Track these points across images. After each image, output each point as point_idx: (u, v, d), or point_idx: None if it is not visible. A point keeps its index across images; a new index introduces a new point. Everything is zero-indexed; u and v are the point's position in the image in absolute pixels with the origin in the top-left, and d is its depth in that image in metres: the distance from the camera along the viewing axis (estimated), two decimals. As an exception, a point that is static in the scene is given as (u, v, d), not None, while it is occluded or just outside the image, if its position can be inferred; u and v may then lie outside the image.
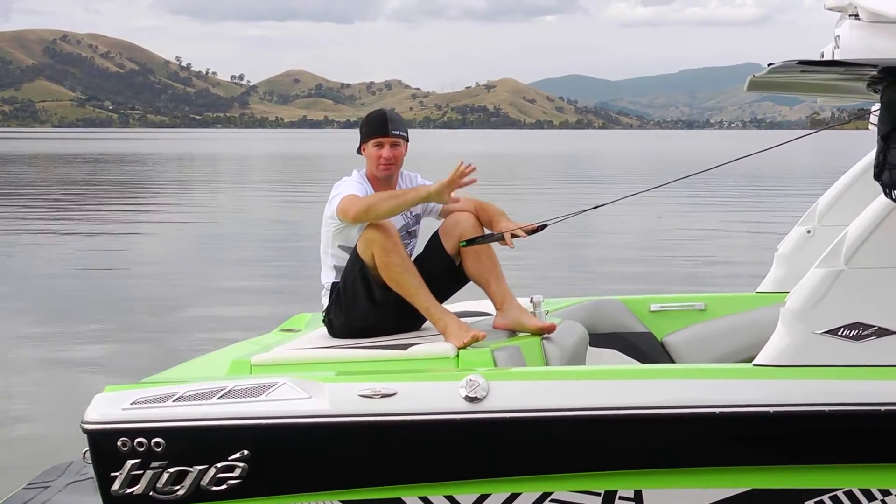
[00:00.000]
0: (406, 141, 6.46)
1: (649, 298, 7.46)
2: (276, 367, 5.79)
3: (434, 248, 6.38)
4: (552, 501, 5.34)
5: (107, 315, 15.35)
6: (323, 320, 6.42)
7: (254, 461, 5.36)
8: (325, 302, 6.37)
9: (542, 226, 6.42)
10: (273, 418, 5.36)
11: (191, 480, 5.38)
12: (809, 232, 7.25)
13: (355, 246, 6.15)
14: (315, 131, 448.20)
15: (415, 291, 6.03)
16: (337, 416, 5.34)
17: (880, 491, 5.22)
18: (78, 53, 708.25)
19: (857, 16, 5.27)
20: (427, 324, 6.23)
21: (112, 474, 5.41)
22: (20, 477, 7.32)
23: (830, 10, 5.65)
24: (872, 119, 6.45)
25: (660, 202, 33.49)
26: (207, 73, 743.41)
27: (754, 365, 5.34)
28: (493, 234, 6.28)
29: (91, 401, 5.56)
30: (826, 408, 5.13)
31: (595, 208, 6.71)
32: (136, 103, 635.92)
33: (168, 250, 23.79)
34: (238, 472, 5.37)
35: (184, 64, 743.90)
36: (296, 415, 5.36)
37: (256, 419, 5.36)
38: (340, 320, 6.25)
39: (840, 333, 5.20)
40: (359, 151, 6.49)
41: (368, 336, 6.13)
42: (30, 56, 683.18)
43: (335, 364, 5.82)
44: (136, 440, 5.38)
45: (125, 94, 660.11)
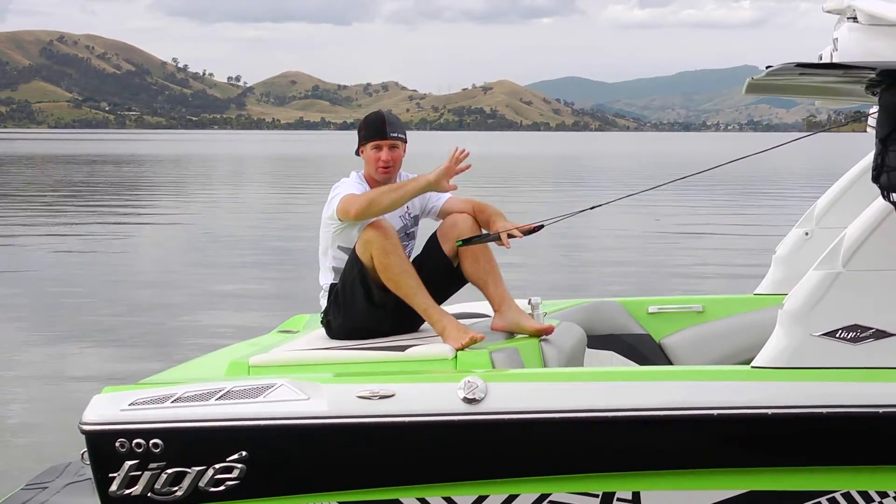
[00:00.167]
0: (404, 143, 6.45)
1: (647, 300, 7.46)
2: (275, 369, 5.78)
3: (432, 250, 6.37)
4: (550, 503, 5.34)
5: (105, 316, 15.33)
6: (321, 321, 6.42)
7: (252, 462, 5.36)
8: (324, 303, 6.36)
9: (539, 226, 6.40)
10: (271, 419, 5.34)
11: (189, 481, 5.37)
12: (807, 234, 7.25)
13: (354, 247, 6.14)
14: (312, 133, 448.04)
15: (413, 293, 6.02)
16: (335, 418, 5.33)
17: (878, 493, 5.22)
18: (75, 54, 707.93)
19: (856, 18, 5.27)
20: (425, 325, 6.22)
21: (110, 475, 5.40)
22: (18, 477, 7.32)
23: (829, 13, 5.66)
24: (870, 122, 6.45)
25: (657, 204, 33.51)
26: (204, 75, 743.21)
27: (752, 367, 5.34)
28: (490, 234, 6.27)
29: (89, 402, 5.55)
30: (824, 410, 5.13)
31: (592, 209, 6.71)
32: (133, 104, 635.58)
33: (165, 251, 23.78)
34: (236, 474, 5.36)
35: (180, 65, 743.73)
36: (294, 416, 5.34)
37: (255, 420, 5.35)
38: (339, 321, 6.25)
39: (838, 335, 5.20)
40: (357, 153, 6.49)
41: (367, 337, 6.12)
42: (26, 57, 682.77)
43: (333, 365, 5.81)
44: (135, 441, 5.37)
45: (122, 95, 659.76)
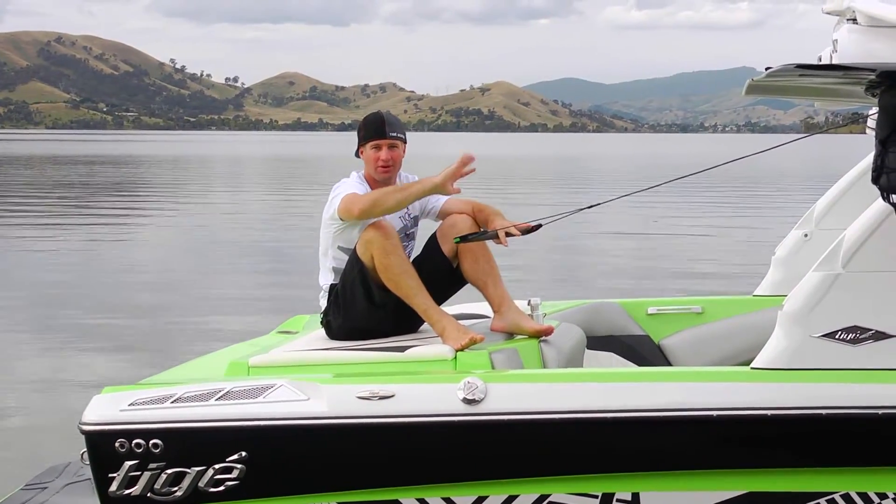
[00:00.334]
0: (404, 143, 6.45)
1: (646, 301, 7.46)
2: (274, 369, 5.78)
3: (432, 250, 6.37)
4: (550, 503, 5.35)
5: (104, 316, 15.34)
6: (321, 322, 6.41)
7: (252, 463, 5.36)
8: (324, 304, 6.36)
9: (538, 225, 6.40)
10: (271, 420, 5.35)
11: (189, 482, 5.37)
12: (807, 236, 7.25)
13: (355, 247, 6.13)
14: (309, 134, 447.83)
15: (413, 293, 6.02)
16: (335, 418, 5.33)
17: (877, 494, 5.22)
18: (72, 55, 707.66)
19: (856, 20, 5.27)
20: (425, 326, 6.22)
21: (110, 475, 5.40)
22: (18, 478, 7.31)
23: (828, 14, 5.66)
24: (870, 123, 6.46)
25: (656, 206, 33.52)
26: (202, 76, 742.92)
27: (752, 368, 5.34)
28: (487, 232, 6.26)
29: (89, 402, 5.55)
30: (823, 411, 5.13)
31: (589, 208, 6.70)
32: (131, 105, 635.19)
33: (163, 252, 23.76)
34: (236, 474, 5.36)
35: (178, 66, 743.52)
36: (294, 416, 5.35)
37: (254, 421, 5.35)
38: (339, 322, 6.24)
39: (837, 337, 5.20)
40: (357, 155, 6.48)
41: (366, 338, 6.12)
42: (24, 58, 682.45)
43: (333, 366, 5.81)
44: (134, 441, 5.37)
45: (119, 96, 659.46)
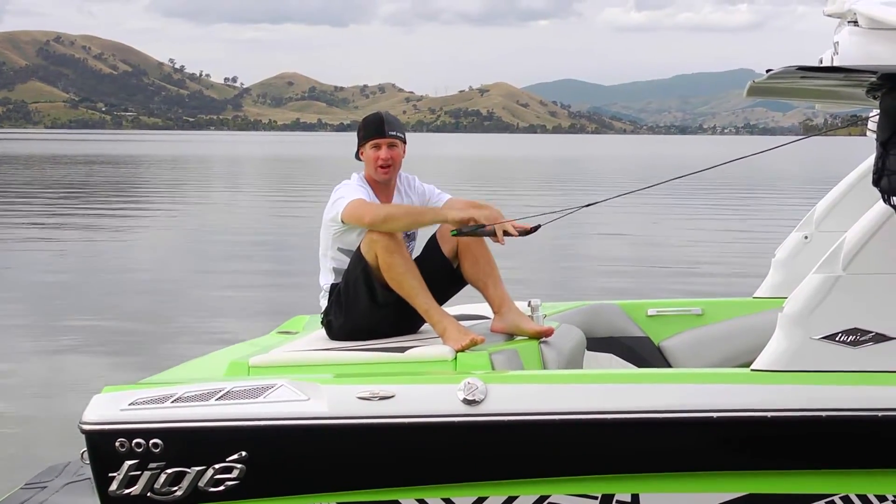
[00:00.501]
0: (403, 143, 6.45)
1: (646, 303, 7.46)
2: (275, 369, 5.78)
3: (432, 251, 6.37)
4: (549, 504, 5.35)
5: (103, 317, 15.32)
6: (321, 322, 6.41)
7: (252, 463, 5.36)
8: (324, 304, 6.36)
9: (536, 227, 6.40)
10: (271, 420, 5.34)
11: (189, 481, 5.37)
12: (807, 238, 7.26)
13: (358, 246, 6.13)
14: (308, 134, 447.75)
15: (415, 293, 6.02)
16: (335, 418, 5.33)
17: (877, 497, 5.22)
18: (71, 55, 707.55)
19: (856, 22, 5.28)
20: (425, 326, 6.23)
21: (110, 475, 5.40)
22: (17, 477, 7.31)
23: (829, 17, 5.67)
24: (870, 125, 6.46)
25: (655, 207, 33.52)
26: (201, 76, 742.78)
27: (752, 370, 5.34)
28: (485, 227, 6.24)
29: (89, 401, 5.55)
30: (823, 413, 5.13)
31: (587, 206, 6.70)
32: (130, 105, 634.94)
33: (162, 253, 23.76)
34: (236, 474, 5.36)
35: (177, 66, 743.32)
36: (294, 416, 5.35)
37: (254, 421, 5.35)
38: (340, 321, 6.24)
39: (838, 339, 5.20)
40: (357, 156, 6.48)
41: (367, 338, 6.12)
42: (23, 57, 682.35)
43: (333, 366, 5.81)
44: (134, 441, 5.37)
45: (118, 96, 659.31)
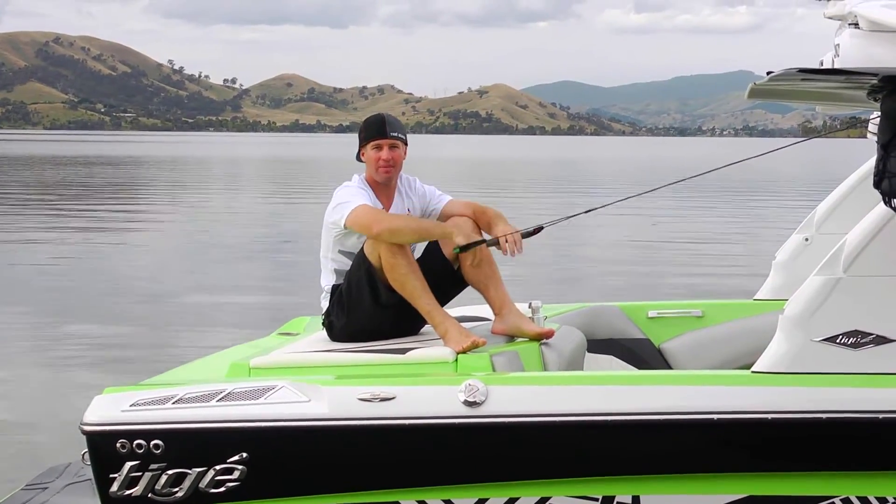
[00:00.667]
0: (405, 144, 6.46)
1: (647, 305, 7.46)
2: (276, 370, 5.79)
3: (433, 253, 6.37)
4: (550, 506, 5.35)
5: (103, 317, 15.32)
6: (322, 323, 6.41)
7: (252, 464, 5.37)
8: (325, 305, 6.36)
9: (539, 228, 6.40)
10: (272, 421, 5.36)
11: (189, 482, 5.38)
12: (807, 240, 7.26)
13: (362, 247, 6.15)
14: (307, 135, 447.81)
15: (418, 294, 6.02)
16: (336, 420, 5.34)
17: (877, 499, 5.23)
18: (70, 56, 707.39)
19: (857, 24, 5.28)
20: (427, 327, 6.24)
21: (111, 476, 5.41)
22: (18, 478, 7.31)
23: (830, 19, 5.67)
24: (871, 128, 6.47)
25: (655, 209, 33.51)
26: (200, 77, 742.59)
27: (752, 372, 5.35)
28: (487, 239, 6.24)
29: (90, 402, 5.56)
30: (824, 415, 5.14)
31: (587, 212, 6.70)
32: (129, 106, 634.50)
33: (161, 254, 23.75)
34: (237, 475, 5.37)
35: (176, 67, 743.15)
36: (295, 418, 5.36)
37: (255, 422, 5.36)
38: (342, 322, 6.24)
39: (838, 341, 5.22)
40: (358, 158, 6.48)
41: (369, 339, 6.13)
42: (22, 58, 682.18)
43: (334, 367, 5.82)
44: (135, 442, 5.38)
45: (117, 97, 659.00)
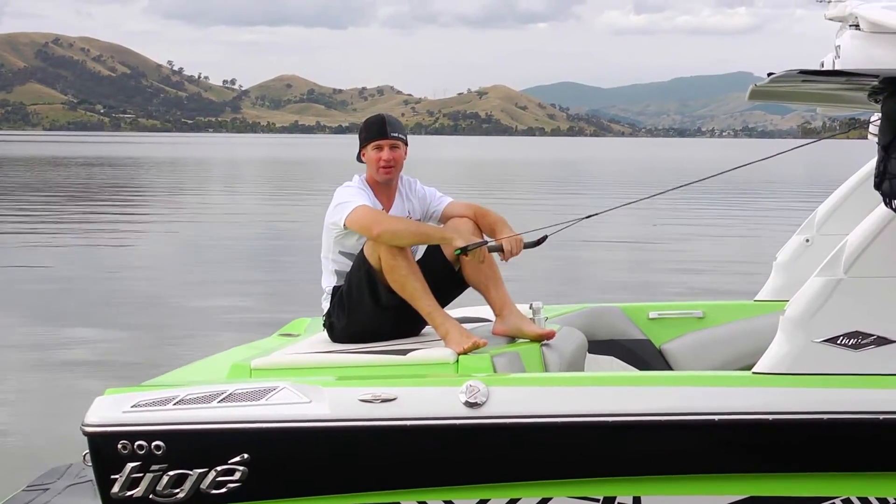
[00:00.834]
0: (405, 144, 6.46)
1: (648, 306, 7.46)
2: (277, 372, 5.79)
3: (433, 254, 6.36)
4: (551, 507, 5.36)
5: (103, 318, 15.33)
6: (323, 324, 6.42)
7: (254, 465, 5.37)
8: (326, 306, 6.36)
9: (543, 238, 6.41)
10: (273, 422, 5.36)
11: (191, 484, 5.38)
12: (808, 241, 7.26)
13: (362, 249, 6.15)
14: (307, 136, 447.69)
15: (419, 295, 6.03)
16: (337, 421, 5.34)
17: (878, 500, 5.24)
18: (70, 57, 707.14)
19: (858, 26, 5.29)
20: (427, 328, 6.24)
21: (112, 477, 5.42)
22: (19, 479, 7.31)
23: (831, 20, 5.68)
24: (871, 129, 6.48)
25: (655, 210, 33.50)
26: (199, 78, 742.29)
27: (753, 373, 5.36)
28: (488, 242, 6.24)
29: (91, 403, 5.56)
30: (825, 416, 5.14)
31: (588, 217, 6.70)
32: (128, 107, 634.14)
33: (162, 255, 23.75)
34: (238, 476, 5.38)
35: (176, 68, 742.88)
36: (296, 419, 5.36)
37: (256, 423, 5.37)
38: (343, 323, 6.24)
39: (839, 342, 5.22)
40: (359, 159, 6.48)
41: (369, 340, 6.14)
42: (21, 59, 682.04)
43: (335, 368, 5.82)
44: (137, 443, 5.38)
45: (117, 98, 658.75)
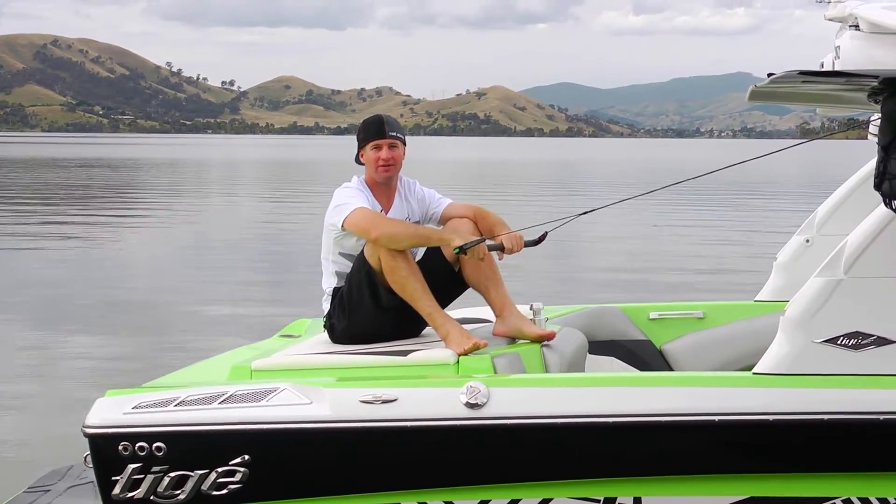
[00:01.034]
0: (403, 144, 6.46)
1: (648, 306, 7.47)
2: (277, 373, 5.80)
3: (433, 254, 6.37)
4: (552, 508, 5.36)
5: (103, 320, 15.33)
6: (324, 325, 6.42)
7: (254, 466, 5.37)
8: (326, 307, 6.37)
9: (543, 236, 6.42)
10: (274, 423, 5.37)
11: (192, 485, 5.39)
12: (808, 241, 7.27)
13: (362, 250, 6.16)
14: (305, 137, 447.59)
15: (419, 296, 6.03)
16: (337, 422, 5.35)
17: (878, 500, 5.24)
18: (69, 58, 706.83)
19: (858, 26, 5.30)
20: (428, 330, 6.24)
21: (113, 478, 5.43)
22: (20, 480, 7.31)
23: (831, 21, 5.69)
24: (871, 129, 6.48)
25: (655, 211, 33.52)
26: (198, 79, 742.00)
27: (754, 373, 5.37)
28: (486, 240, 6.24)
29: (92, 405, 5.57)
30: (825, 416, 5.15)
31: (585, 213, 6.69)
32: (127, 108, 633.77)
33: (161, 257, 23.75)
34: (239, 477, 5.38)
35: (174, 69, 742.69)
36: (296, 420, 5.37)
37: (257, 424, 5.38)
38: (343, 324, 6.25)
39: (839, 342, 5.23)
40: (357, 160, 6.49)
41: (370, 341, 6.15)
42: (20, 60, 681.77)
43: (336, 370, 5.82)
44: (138, 444, 5.39)
45: (116, 99, 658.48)
